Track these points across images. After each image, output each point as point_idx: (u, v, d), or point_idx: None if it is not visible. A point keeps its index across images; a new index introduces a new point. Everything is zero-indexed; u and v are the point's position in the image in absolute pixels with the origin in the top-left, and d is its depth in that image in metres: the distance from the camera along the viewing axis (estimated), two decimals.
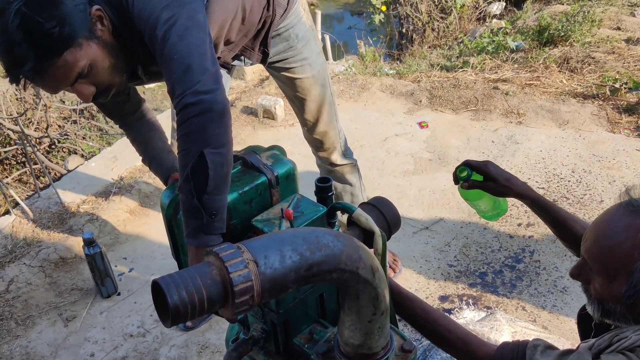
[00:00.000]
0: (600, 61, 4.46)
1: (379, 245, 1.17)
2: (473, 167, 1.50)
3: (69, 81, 1.29)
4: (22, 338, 2.50)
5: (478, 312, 2.41)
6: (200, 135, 1.21)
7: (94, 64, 1.30)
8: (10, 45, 1.20)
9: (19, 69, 1.23)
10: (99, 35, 1.31)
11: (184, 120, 1.22)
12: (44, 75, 1.25)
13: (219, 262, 0.80)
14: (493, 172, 1.46)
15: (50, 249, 2.90)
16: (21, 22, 1.18)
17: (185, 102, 1.22)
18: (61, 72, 1.26)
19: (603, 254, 1.06)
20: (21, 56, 1.20)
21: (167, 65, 1.27)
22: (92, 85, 1.34)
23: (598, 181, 3.21)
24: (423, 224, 3.01)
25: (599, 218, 1.10)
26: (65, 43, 1.23)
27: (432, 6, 6.39)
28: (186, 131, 1.22)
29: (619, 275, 1.04)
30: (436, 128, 3.91)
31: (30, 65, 1.21)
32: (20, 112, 4.39)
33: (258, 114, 4.21)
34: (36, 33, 1.19)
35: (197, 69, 1.24)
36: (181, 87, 1.24)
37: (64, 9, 1.22)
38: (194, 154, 1.20)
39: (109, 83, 1.37)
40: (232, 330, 1.48)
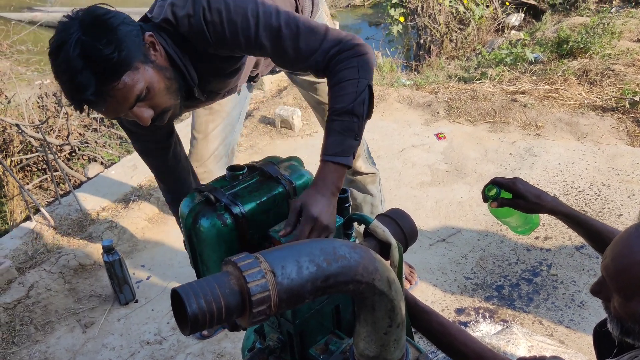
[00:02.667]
0: (620, 74, 4.43)
1: (396, 257, 1.17)
2: (501, 185, 1.49)
3: (128, 104, 1.34)
4: (41, 343, 2.53)
5: (494, 325, 2.40)
6: (366, 69, 1.39)
7: (150, 86, 1.36)
8: (72, 73, 1.26)
9: (82, 94, 1.28)
10: (153, 59, 1.38)
11: (351, 56, 1.40)
12: (105, 99, 1.31)
13: (237, 271, 0.81)
14: (522, 189, 1.45)
15: (70, 256, 2.94)
16: (81, 51, 1.25)
17: (351, 44, 1.41)
18: (121, 95, 1.31)
19: (620, 272, 1.05)
20: (84, 83, 1.26)
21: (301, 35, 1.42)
22: (150, 108, 1.39)
23: (617, 195, 3.18)
24: (440, 236, 3.00)
25: (618, 236, 1.09)
26: (123, 66, 1.29)
27: (451, 17, 6.40)
28: (355, 64, 1.39)
29: (636, 295, 1.03)
30: (453, 140, 3.91)
31: (92, 90, 1.27)
32: (42, 120, 4.46)
33: (276, 124, 4.24)
34: (96, 59, 1.25)
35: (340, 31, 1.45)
36: (335, 38, 1.42)
37: (120, 34, 1.29)
38: (365, 84, 1.38)
39: (165, 105, 1.43)
40: (248, 340, 1.49)
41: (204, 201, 1.23)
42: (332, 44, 1.42)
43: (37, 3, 11.33)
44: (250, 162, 1.37)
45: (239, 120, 2.33)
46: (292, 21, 1.44)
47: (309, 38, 1.43)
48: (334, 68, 1.41)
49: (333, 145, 1.34)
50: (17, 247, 3.05)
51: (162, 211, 3.37)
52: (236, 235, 1.21)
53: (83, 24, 1.27)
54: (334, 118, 1.37)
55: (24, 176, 4.54)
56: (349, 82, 1.38)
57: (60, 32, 1.28)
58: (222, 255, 1.21)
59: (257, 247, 1.24)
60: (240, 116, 2.33)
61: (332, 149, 1.34)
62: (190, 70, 1.51)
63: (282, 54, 1.47)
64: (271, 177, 1.28)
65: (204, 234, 1.20)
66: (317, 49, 1.43)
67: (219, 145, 2.28)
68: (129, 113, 1.37)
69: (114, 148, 4.91)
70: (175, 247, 3.08)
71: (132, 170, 3.70)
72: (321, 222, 1.20)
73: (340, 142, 1.34)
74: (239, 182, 1.28)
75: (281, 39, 1.43)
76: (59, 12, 9.77)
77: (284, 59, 1.50)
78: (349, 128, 1.36)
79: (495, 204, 1.50)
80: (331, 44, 1.42)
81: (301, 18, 1.46)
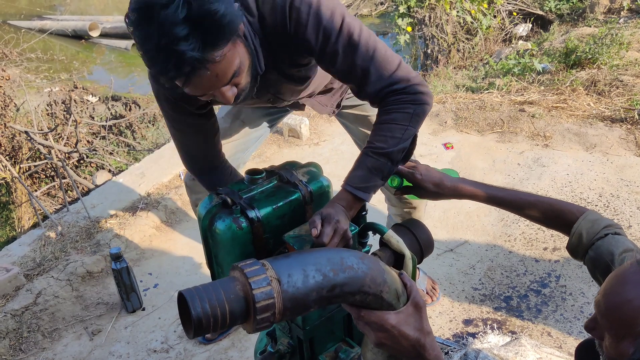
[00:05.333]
0: (629, 84, 4.42)
1: (409, 268, 1.17)
2: (402, 175, 1.51)
3: (225, 79, 1.26)
4: (48, 350, 2.54)
5: (503, 336, 2.38)
6: (418, 120, 1.42)
7: (242, 63, 1.29)
8: (175, 39, 1.13)
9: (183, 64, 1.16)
10: (241, 34, 1.29)
11: (410, 101, 1.41)
12: (207, 72, 1.20)
13: (243, 277, 0.82)
14: (419, 179, 1.48)
15: (78, 263, 2.95)
16: (188, 12, 1.12)
17: (416, 89, 1.42)
18: (221, 67, 1.22)
19: (611, 310, 0.99)
20: (187, 49, 1.14)
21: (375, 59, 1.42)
22: (234, 87, 1.32)
23: (626, 206, 3.16)
24: (447, 246, 2.99)
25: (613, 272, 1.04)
26: (232, 31, 1.20)
27: (458, 27, 6.40)
28: (410, 111, 1.40)
29: (628, 336, 0.97)
30: (461, 149, 3.90)
31: (197, 55, 1.15)
32: (51, 127, 4.49)
33: (283, 132, 4.25)
34: (207, 16, 1.14)
35: (411, 70, 1.46)
36: (405, 75, 1.43)
37: (229, 2, 1.19)
38: (411, 133, 1.41)
39: (244, 84, 1.36)
40: (260, 343, 1.50)
41: (221, 204, 1.24)
42: (399, 79, 1.42)
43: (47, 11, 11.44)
44: (270, 167, 1.38)
45: (255, 144, 2.30)
46: (371, 43, 1.43)
47: (382, 65, 1.42)
48: (390, 105, 1.42)
49: (359, 178, 1.36)
50: (25, 254, 3.06)
51: (170, 219, 3.37)
52: (251, 239, 1.22)
53: None
54: (370, 154, 1.39)
55: (32, 183, 4.56)
56: (397, 126, 1.40)
57: None
58: (237, 258, 1.22)
59: (272, 252, 1.25)
60: (258, 141, 2.30)
61: (356, 182, 1.36)
62: (260, 55, 1.44)
63: (349, 70, 1.45)
64: (288, 182, 1.29)
65: (220, 237, 1.21)
66: (384, 78, 1.42)
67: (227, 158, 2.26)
68: (216, 92, 1.29)
69: (121, 156, 4.94)
70: (183, 255, 3.08)
71: (140, 178, 3.71)
72: (342, 226, 1.22)
73: (367, 179, 1.37)
74: (257, 186, 1.28)
75: (355, 55, 1.42)
76: (69, 21, 9.87)
77: (349, 76, 1.47)
78: (380, 169, 1.38)
79: (399, 192, 1.54)
80: (399, 79, 1.42)
81: (379, 43, 1.45)
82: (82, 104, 5.22)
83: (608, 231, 1.32)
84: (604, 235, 1.32)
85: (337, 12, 1.40)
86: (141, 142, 5.19)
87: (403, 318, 0.95)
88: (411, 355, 0.97)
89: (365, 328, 0.96)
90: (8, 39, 7.02)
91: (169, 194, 3.55)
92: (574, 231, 1.37)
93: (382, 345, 0.96)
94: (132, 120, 5.17)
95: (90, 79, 7.81)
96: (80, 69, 7.95)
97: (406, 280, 0.98)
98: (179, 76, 1.19)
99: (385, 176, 1.40)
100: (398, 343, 0.95)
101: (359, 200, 1.35)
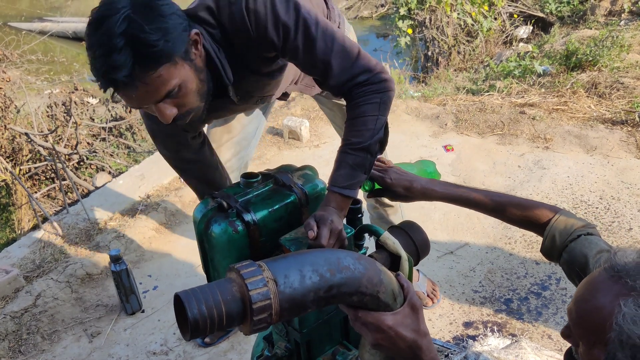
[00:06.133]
0: (629, 86, 4.41)
1: (405, 270, 1.17)
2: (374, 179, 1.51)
3: (158, 97, 1.29)
4: (47, 353, 2.53)
5: (503, 339, 2.38)
6: (386, 108, 1.44)
7: (183, 84, 1.30)
8: (110, 49, 1.18)
9: (114, 74, 1.21)
10: (193, 58, 1.33)
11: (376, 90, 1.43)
12: (136, 85, 1.24)
13: (239, 279, 0.81)
14: (389, 183, 1.48)
15: (77, 265, 2.95)
16: (127, 28, 1.18)
17: (379, 77, 1.43)
18: (153, 86, 1.26)
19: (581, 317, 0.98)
20: (119, 62, 1.19)
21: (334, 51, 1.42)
22: (174, 107, 1.34)
23: (627, 209, 3.15)
24: (448, 248, 2.99)
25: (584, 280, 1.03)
26: (164, 57, 1.23)
27: (459, 29, 6.41)
28: (378, 100, 1.43)
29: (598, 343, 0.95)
30: (462, 152, 3.90)
31: (126, 72, 1.20)
32: (51, 129, 4.48)
33: (284, 134, 4.25)
34: (140, 41, 1.19)
35: (371, 58, 1.46)
36: (366, 64, 1.43)
37: (169, 24, 1.24)
38: (382, 122, 1.43)
39: (191, 106, 1.37)
40: (257, 347, 1.49)
41: (216, 207, 1.24)
42: (361, 70, 1.43)
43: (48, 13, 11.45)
44: (265, 170, 1.38)
45: (255, 136, 2.32)
46: (329, 34, 1.43)
47: (342, 57, 1.43)
48: (357, 98, 1.43)
49: (343, 177, 1.37)
50: (25, 256, 3.05)
51: (169, 222, 3.37)
52: (247, 242, 1.22)
53: (135, 1, 1.21)
54: (348, 151, 1.40)
55: (32, 185, 4.56)
56: (369, 117, 1.41)
57: (108, 3, 1.22)
58: (233, 261, 1.22)
59: (268, 255, 1.25)
60: (257, 132, 2.32)
61: (341, 181, 1.36)
62: (226, 68, 1.46)
63: (311, 64, 1.46)
64: (284, 186, 1.29)
65: (215, 240, 1.21)
66: (346, 70, 1.43)
67: (232, 157, 2.27)
68: (152, 107, 1.32)
69: (122, 158, 4.93)
70: (182, 258, 3.07)
71: (140, 180, 3.71)
72: (337, 227, 1.22)
73: (351, 176, 1.38)
74: (253, 189, 1.28)
75: (315, 49, 1.42)
76: (69, 23, 9.88)
77: (312, 70, 1.49)
78: (362, 164, 1.39)
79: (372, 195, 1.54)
80: (361, 69, 1.43)
81: (337, 34, 1.45)
82: (83, 106, 5.21)
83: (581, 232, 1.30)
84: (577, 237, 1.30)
85: (292, 7, 1.40)
86: (141, 144, 5.19)
87: (400, 319, 0.94)
88: (408, 356, 0.96)
89: (362, 329, 0.95)
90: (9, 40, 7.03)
91: (169, 196, 3.55)
92: (547, 233, 1.35)
93: (379, 347, 0.96)
94: (132, 122, 5.17)
95: (90, 81, 7.77)
96: (80, 71, 7.94)
97: (403, 281, 0.98)
98: (108, 86, 1.24)
99: (367, 170, 1.41)
100: (395, 344, 0.94)
101: (348, 199, 1.36)
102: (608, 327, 0.93)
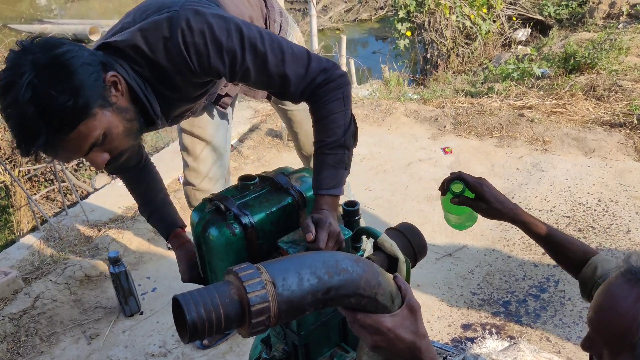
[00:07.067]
0: (628, 89, 4.42)
1: (403, 272, 1.17)
2: (467, 183, 1.45)
3: (82, 152, 1.24)
4: (46, 354, 2.53)
5: (501, 341, 2.38)
6: (349, 101, 1.42)
7: (108, 131, 1.25)
8: (21, 119, 1.13)
9: (30, 144, 1.15)
10: (114, 101, 1.26)
11: (336, 87, 1.40)
12: (56, 149, 1.20)
13: (237, 281, 0.81)
14: (487, 193, 1.42)
15: (76, 267, 2.94)
16: (33, 96, 1.11)
17: (336, 74, 1.41)
18: (74, 144, 1.21)
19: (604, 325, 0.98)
20: (33, 131, 1.13)
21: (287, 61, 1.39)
22: (105, 153, 1.29)
23: (625, 211, 3.16)
24: (446, 251, 2.99)
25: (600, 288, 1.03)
26: (79, 115, 1.17)
27: (457, 32, 6.42)
28: (340, 95, 1.40)
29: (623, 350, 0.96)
30: (460, 154, 3.91)
31: (43, 140, 1.15)
32: None
33: (282, 136, 4.25)
34: (49, 107, 1.12)
35: (320, 57, 1.44)
36: (319, 65, 1.41)
37: (78, 79, 1.16)
38: (349, 115, 1.42)
39: (123, 148, 1.33)
40: (255, 349, 1.49)
41: (214, 210, 1.23)
42: (317, 71, 1.40)
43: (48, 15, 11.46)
44: (262, 173, 1.38)
45: (227, 141, 2.29)
46: (276, 46, 1.39)
47: (294, 64, 1.40)
48: (321, 99, 1.40)
49: (328, 179, 1.35)
50: (24, 258, 3.05)
51: None
52: (245, 245, 1.22)
53: (37, 63, 1.13)
54: (326, 152, 1.38)
55: (31, 186, 4.56)
56: (337, 114, 1.39)
57: (10, 68, 1.14)
58: (231, 264, 1.21)
59: (265, 258, 1.24)
60: (227, 138, 2.29)
61: (328, 183, 1.34)
62: (152, 103, 1.41)
63: (267, 80, 1.42)
64: (282, 188, 1.29)
65: (213, 243, 1.20)
66: (303, 76, 1.40)
67: (212, 167, 2.25)
68: (84, 158, 1.27)
69: None
70: None
71: None
72: (335, 229, 1.22)
73: (334, 175, 1.36)
74: (250, 192, 1.28)
75: (267, 65, 1.38)
76: (69, 25, 9.89)
77: (269, 85, 1.45)
78: (341, 160, 1.38)
79: (457, 200, 1.46)
80: (317, 71, 1.40)
81: (283, 41, 1.41)
82: None
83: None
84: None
85: (232, 28, 1.35)
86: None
87: (398, 321, 0.94)
88: (407, 358, 0.96)
89: (361, 331, 0.95)
90: (8, 42, 7.04)
91: None
92: (590, 263, 1.33)
93: (378, 349, 0.96)
94: None
95: None
96: None
97: (400, 282, 0.98)
98: (29, 154, 1.19)
99: (347, 165, 1.40)
100: (394, 346, 0.95)
101: (337, 197, 1.36)
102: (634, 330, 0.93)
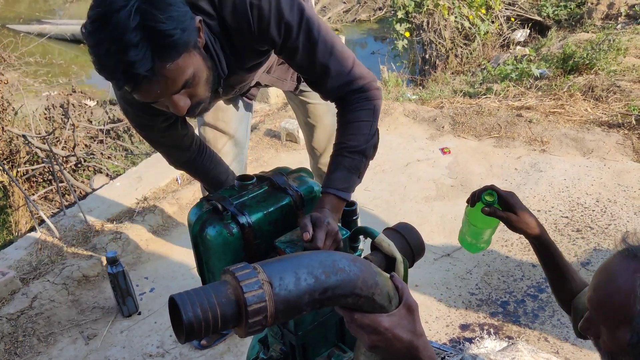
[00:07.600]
0: (626, 90, 4.42)
1: (400, 271, 1.17)
2: (499, 195, 1.45)
3: (175, 88, 1.23)
4: (43, 355, 2.53)
5: (499, 341, 2.38)
6: (378, 116, 1.48)
7: (197, 73, 1.26)
8: (126, 45, 1.11)
9: (135, 69, 1.13)
10: (200, 46, 1.27)
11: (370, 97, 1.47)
12: (157, 79, 1.18)
13: (234, 281, 0.81)
14: (518, 206, 1.42)
15: (74, 267, 2.94)
16: (141, 21, 1.11)
17: (373, 86, 1.49)
18: (172, 77, 1.20)
19: (602, 301, 1.01)
20: (138, 57, 1.12)
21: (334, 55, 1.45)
22: (188, 98, 1.29)
23: (623, 211, 3.16)
24: (444, 251, 2.99)
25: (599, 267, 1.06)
26: (183, 46, 1.18)
27: (456, 33, 6.42)
28: (372, 107, 1.47)
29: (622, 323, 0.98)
30: (459, 154, 3.91)
31: (148, 66, 1.14)
32: (49, 131, 4.48)
33: (281, 137, 4.25)
34: (158, 33, 1.13)
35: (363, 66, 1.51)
36: (361, 72, 1.48)
37: (180, 12, 1.17)
38: (376, 128, 1.47)
39: (202, 97, 1.33)
40: (252, 350, 1.49)
41: (211, 210, 1.23)
42: (357, 76, 1.46)
43: (46, 16, 11.45)
44: (260, 173, 1.38)
45: (247, 136, 2.33)
46: (329, 39, 1.44)
47: (340, 62, 1.46)
48: (352, 104, 1.45)
49: (340, 180, 1.38)
50: (22, 258, 3.05)
51: (166, 224, 3.37)
52: (242, 245, 1.22)
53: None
54: (345, 154, 1.41)
55: (29, 187, 4.56)
56: (364, 123, 1.44)
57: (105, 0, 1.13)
58: (228, 264, 1.22)
59: (263, 258, 1.24)
60: (247, 132, 2.32)
61: (338, 184, 1.37)
62: (221, 60, 1.42)
63: (309, 65, 1.47)
64: (279, 188, 1.29)
65: (210, 243, 1.21)
66: (343, 75, 1.45)
67: (232, 162, 2.25)
68: (165, 100, 1.26)
69: (119, 160, 4.94)
70: (179, 260, 3.07)
71: (137, 182, 3.71)
72: (333, 228, 1.22)
73: (347, 179, 1.39)
74: (248, 191, 1.28)
75: (315, 51, 1.43)
76: (67, 25, 9.88)
77: (309, 72, 1.50)
78: (357, 167, 1.42)
79: (488, 210, 1.45)
80: (357, 76, 1.46)
81: (337, 39, 1.47)
82: (80, 108, 5.22)
83: None
84: None
85: (296, 5, 1.40)
86: (139, 146, 5.19)
87: (396, 320, 0.94)
88: (405, 357, 0.96)
89: (358, 331, 0.95)
90: (7, 42, 7.03)
91: (166, 198, 3.54)
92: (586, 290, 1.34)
93: (376, 348, 0.96)
94: (130, 124, 5.17)
95: (88, 83, 7.80)
96: (78, 73, 7.94)
97: (398, 282, 0.98)
98: (127, 83, 1.18)
99: (361, 174, 1.43)
100: (392, 346, 0.95)
101: (343, 201, 1.37)
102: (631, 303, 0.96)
